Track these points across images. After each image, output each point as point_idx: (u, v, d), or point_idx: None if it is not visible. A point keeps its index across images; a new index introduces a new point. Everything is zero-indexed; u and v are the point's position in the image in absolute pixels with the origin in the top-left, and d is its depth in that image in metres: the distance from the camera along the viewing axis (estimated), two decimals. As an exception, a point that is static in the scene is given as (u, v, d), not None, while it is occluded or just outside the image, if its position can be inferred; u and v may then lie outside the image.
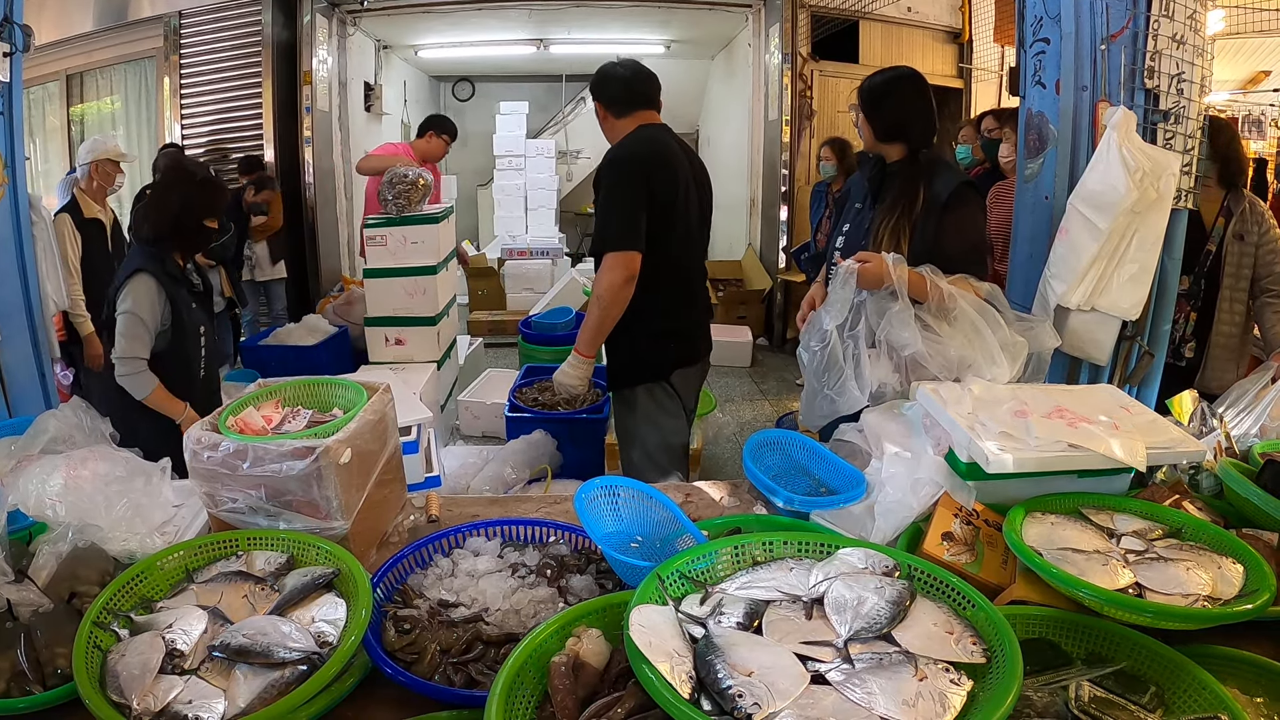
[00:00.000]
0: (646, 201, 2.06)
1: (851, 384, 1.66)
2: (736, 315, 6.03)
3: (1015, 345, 1.63)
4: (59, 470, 1.25)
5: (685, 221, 2.18)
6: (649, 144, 2.13)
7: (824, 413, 1.72)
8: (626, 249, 2.04)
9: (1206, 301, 2.63)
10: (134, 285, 2.12)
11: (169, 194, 2.25)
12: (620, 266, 2.04)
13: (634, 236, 2.04)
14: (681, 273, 2.23)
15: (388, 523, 1.45)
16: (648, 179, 2.07)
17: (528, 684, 0.88)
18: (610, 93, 2.19)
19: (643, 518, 1.27)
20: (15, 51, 2.08)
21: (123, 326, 2.12)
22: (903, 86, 1.89)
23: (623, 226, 2.04)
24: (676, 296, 2.22)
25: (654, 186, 2.07)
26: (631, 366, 2.22)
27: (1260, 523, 1.23)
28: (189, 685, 0.92)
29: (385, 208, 3.45)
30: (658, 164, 2.10)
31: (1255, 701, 0.96)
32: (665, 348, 2.21)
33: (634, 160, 2.09)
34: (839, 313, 1.69)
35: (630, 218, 2.04)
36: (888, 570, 0.95)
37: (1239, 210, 2.58)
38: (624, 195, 2.06)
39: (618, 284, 2.04)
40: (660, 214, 2.09)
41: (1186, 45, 2.09)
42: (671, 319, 2.21)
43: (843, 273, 1.67)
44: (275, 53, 5.38)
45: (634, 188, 2.05)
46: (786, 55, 5.69)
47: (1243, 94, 6.48)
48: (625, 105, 2.19)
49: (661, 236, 2.10)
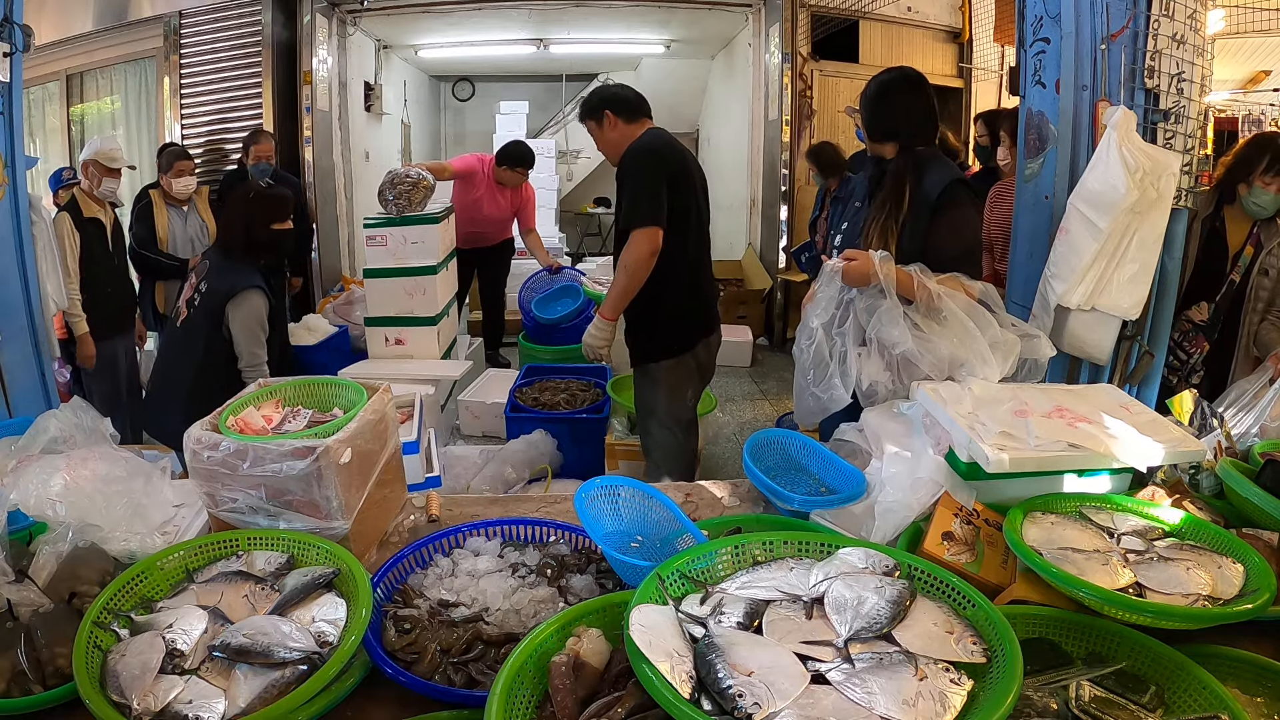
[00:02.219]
0: (666, 185, 2.30)
1: (837, 381, 1.66)
2: (736, 315, 6.01)
3: (1007, 343, 1.62)
4: (59, 470, 1.24)
5: (698, 210, 2.45)
6: (666, 141, 2.41)
7: (812, 409, 1.73)
8: (652, 225, 2.26)
9: (1224, 334, 2.46)
10: (251, 300, 2.39)
11: (234, 216, 2.56)
12: (646, 241, 2.26)
13: (659, 214, 2.27)
14: (696, 255, 2.47)
15: (388, 523, 1.45)
16: (669, 167, 2.34)
17: (528, 684, 0.88)
18: (624, 104, 2.45)
19: (643, 517, 1.27)
20: (15, 51, 2.08)
21: (253, 337, 2.41)
22: (897, 86, 1.92)
23: (649, 205, 2.27)
24: (697, 273, 2.47)
25: (674, 175, 2.33)
26: (658, 342, 2.45)
27: (1260, 523, 1.23)
28: (189, 685, 0.92)
29: (386, 208, 3.45)
30: (676, 156, 2.39)
31: (1255, 701, 0.96)
32: (688, 323, 2.46)
33: (658, 150, 2.36)
34: (825, 310, 1.69)
35: (656, 197, 2.28)
36: (888, 570, 0.95)
37: (1271, 244, 2.38)
38: (650, 178, 2.30)
39: (644, 256, 2.27)
40: (677, 196, 2.33)
41: (1186, 45, 2.09)
42: (696, 293, 2.47)
43: (828, 270, 1.68)
44: (275, 53, 5.37)
45: (658, 172, 2.31)
46: (786, 55, 5.69)
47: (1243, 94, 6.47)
48: (635, 113, 2.45)
49: (680, 222, 2.34)
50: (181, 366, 2.45)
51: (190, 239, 3.78)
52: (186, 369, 2.42)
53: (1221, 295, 2.43)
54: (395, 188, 3.42)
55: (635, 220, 2.28)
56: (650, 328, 2.45)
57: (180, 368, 2.45)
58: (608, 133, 2.46)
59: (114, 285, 3.39)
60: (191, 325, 2.43)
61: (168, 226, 3.73)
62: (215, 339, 2.40)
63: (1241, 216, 2.43)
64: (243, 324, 2.39)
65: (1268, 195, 2.32)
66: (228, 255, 2.49)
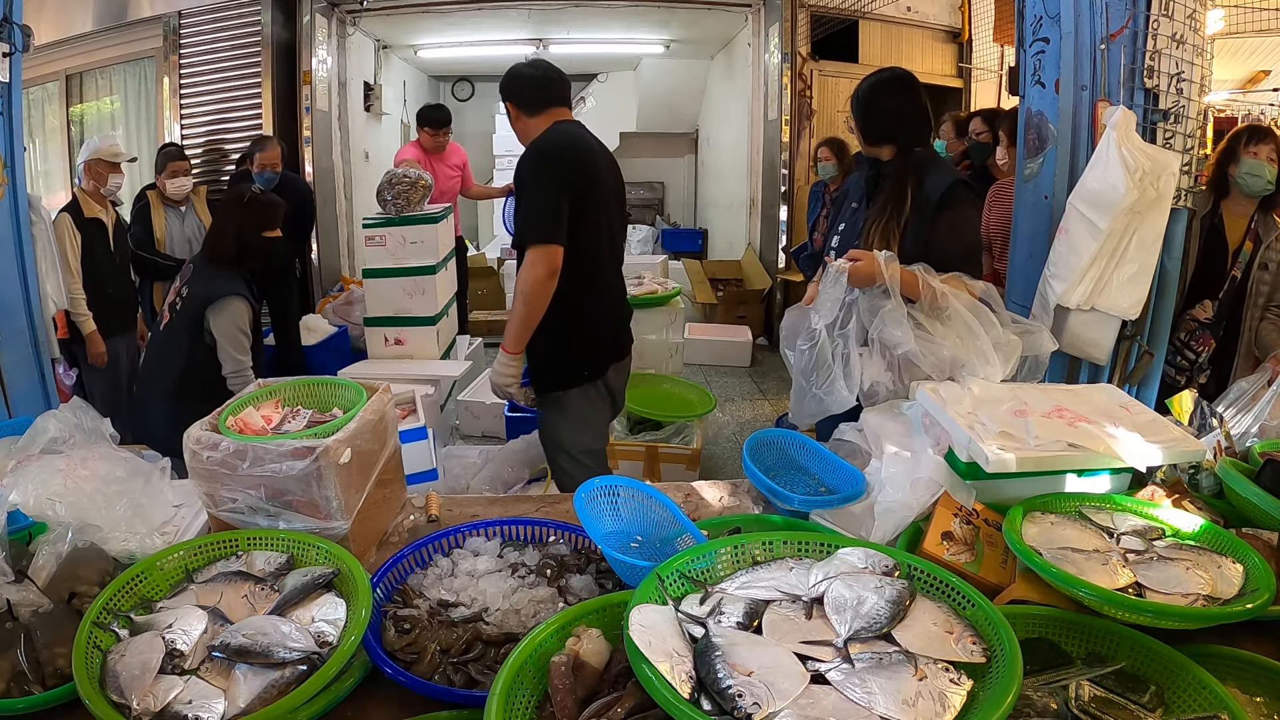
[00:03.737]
0: (568, 195, 2.02)
1: (840, 383, 1.65)
2: (736, 315, 6.02)
3: (1009, 344, 1.62)
4: (59, 470, 1.25)
5: (608, 214, 2.17)
6: (567, 138, 2.10)
7: (812, 411, 1.71)
8: (548, 243, 1.99)
9: (1227, 331, 2.47)
10: (234, 306, 2.37)
11: (225, 221, 2.53)
12: (543, 261, 1.99)
13: (555, 231, 2.00)
14: (606, 267, 2.22)
15: (388, 523, 1.45)
16: (569, 172, 2.04)
17: (528, 684, 0.88)
18: (523, 92, 2.16)
19: (643, 517, 1.27)
20: (15, 51, 2.08)
21: (236, 343, 2.38)
22: (888, 88, 1.90)
23: (544, 220, 2.00)
24: (605, 291, 2.22)
25: (575, 180, 2.04)
26: (565, 368, 2.18)
27: (1260, 523, 1.23)
28: (189, 685, 0.92)
29: (385, 208, 3.45)
30: (577, 157, 2.08)
31: (1255, 701, 0.96)
32: (599, 345, 2.20)
33: (555, 154, 2.06)
34: (829, 312, 1.68)
35: (552, 211, 2.00)
36: (887, 570, 0.95)
37: (1269, 238, 2.40)
38: (545, 189, 2.02)
39: (541, 278, 2.00)
40: (584, 207, 2.06)
41: (1186, 45, 2.09)
42: (603, 315, 2.21)
43: (833, 272, 1.67)
44: (275, 53, 5.37)
45: (555, 182, 2.02)
46: (786, 55, 5.69)
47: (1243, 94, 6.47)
48: (539, 104, 2.15)
49: (587, 231, 2.08)
50: (164, 371, 2.43)
51: (188, 239, 3.78)
52: (168, 374, 2.41)
53: (1224, 292, 2.44)
54: (394, 188, 3.42)
55: (530, 236, 2.01)
56: (557, 353, 2.16)
57: (162, 372, 2.44)
58: (514, 123, 2.20)
59: (115, 285, 3.39)
60: (173, 330, 2.42)
61: (165, 227, 3.73)
62: (196, 344, 2.38)
63: (1240, 211, 2.44)
64: (223, 330, 2.36)
65: (1258, 163, 2.33)
66: (212, 260, 2.46)
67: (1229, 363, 2.46)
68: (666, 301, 3.80)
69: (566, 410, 2.20)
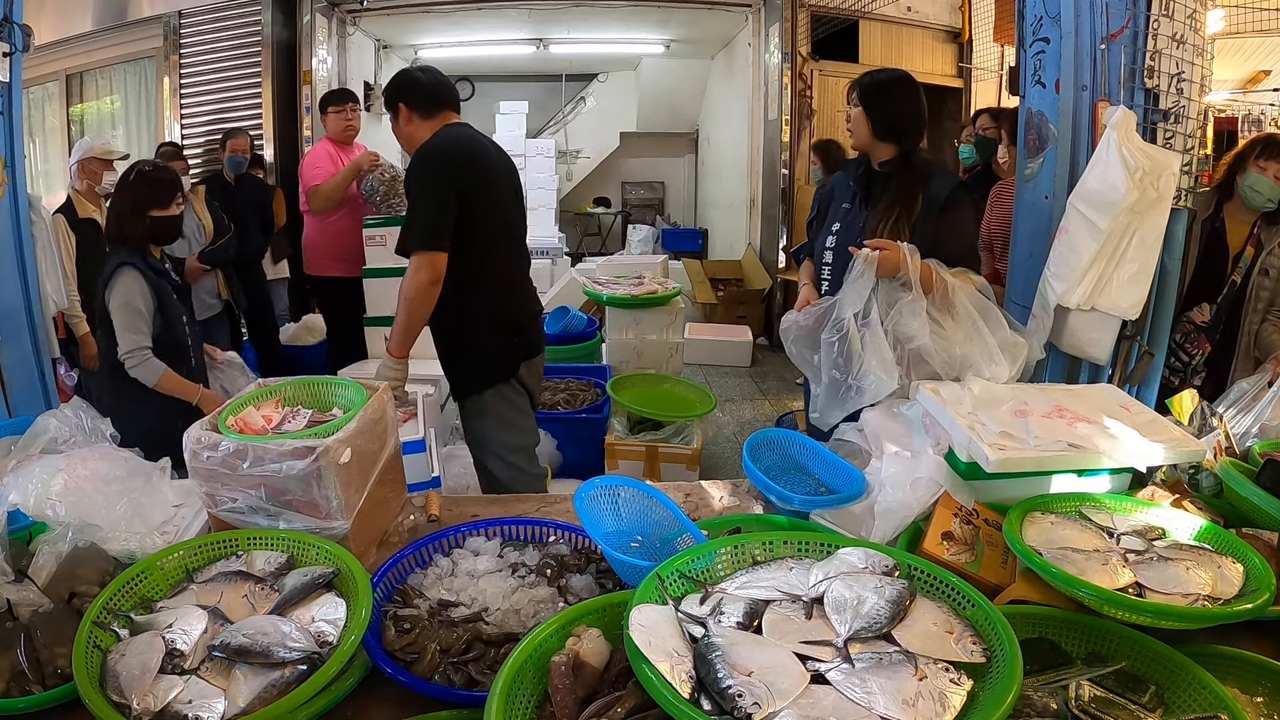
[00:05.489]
0: (456, 199, 2.00)
1: (877, 372, 1.63)
2: (736, 315, 6.02)
3: (1015, 346, 1.65)
4: (59, 470, 1.25)
5: (505, 214, 2.16)
6: (457, 141, 2.08)
7: (848, 405, 1.68)
8: (430, 249, 1.98)
9: (1225, 335, 2.45)
10: (121, 279, 2.18)
11: (118, 196, 2.33)
12: (425, 267, 1.98)
13: (438, 237, 1.98)
14: (510, 266, 2.21)
15: (388, 522, 1.45)
16: (455, 171, 2.02)
17: (528, 684, 0.88)
18: (415, 95, 2.14)
19: (643, 517, 1.27)
20: (15, 51, 2.08)
21: (122, 320, 2.17)
22: (903, 87, 1.93)
23: (427, 227, 1.99)
24: (510, 291, 2.21)
25: (462, 178, 2.02)
26: (478, 370, 2.17)
27: (1260, 523, 1.23)
28: (189, 685, 0.92)
29: (377, 210, 3.45)
30: (464, 154, 2.06)
31: (1255, 701, 0.96)
32: (509, 344, 2.19)
33: (442, 157, 2.04)
34: (855, 301, 1.69)
35: (435, 218, 1.98)
36: (888, 570, 0.95)
37: (1271, 244, 2.38)
38: (430, 194, 2.00)
39: (423, 285, 1.99)
40: (479, 209, 2.04)
41: (1186, 45, 2.09)
42: (510, 313, 2.20)
43: (861, 262, 1.67)
44: (275, 52, 5.38)
45: (441, 186, 2.00)
46: (786, 55, 5.69)
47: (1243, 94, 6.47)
48: (430, 107, 2.14)
49: (485, 232, 2.06)
50: (102, 369, 2.36)
51: (186, 239, 3.78)
52: (103, 371, 2.33)
53: (1223, 296, 2.43)
54: (378, 190, 3.42)
55: (412, 242, 1.99)
56: (465, 356, 2.17)
57: (101, 370, 2.37)
58: (404, 126, 2.15)
59: (110, 285, 3.39)
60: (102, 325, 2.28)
61: (162, 226, 3.72)
62: (110, 334, 2.23)
63: (1242, 217, 2.43)
64: (115, 308, 2.17)
65: (1264, 180, 2.31)
66: (110, 243, 2.31)
67: (1226, 366, 2.45)
68: (666, 301, 3.80)
69: (485, 411, 2.19)
